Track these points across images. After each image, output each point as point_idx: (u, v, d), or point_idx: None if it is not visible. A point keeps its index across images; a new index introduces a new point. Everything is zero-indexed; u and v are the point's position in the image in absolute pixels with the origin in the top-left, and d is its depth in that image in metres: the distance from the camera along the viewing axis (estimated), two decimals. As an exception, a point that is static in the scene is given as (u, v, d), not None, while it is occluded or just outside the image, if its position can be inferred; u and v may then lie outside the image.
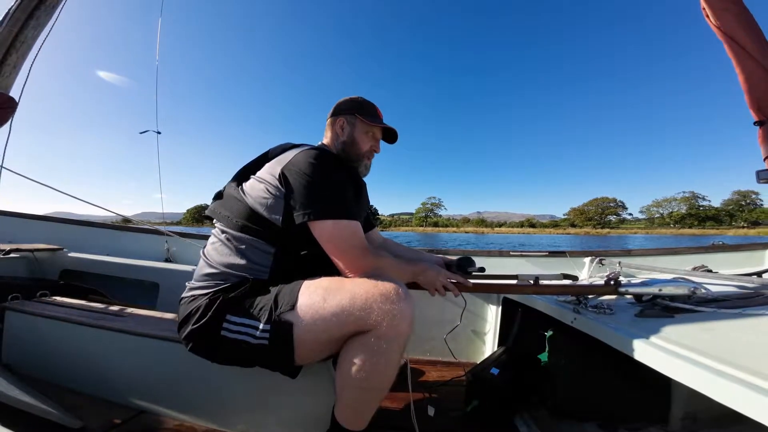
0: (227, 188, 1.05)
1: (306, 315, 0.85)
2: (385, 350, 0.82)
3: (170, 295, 1.97)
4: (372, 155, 1.18)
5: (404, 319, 0.83)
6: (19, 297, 1.46)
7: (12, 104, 1.31)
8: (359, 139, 1.12)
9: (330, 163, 0.98)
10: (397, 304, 0.83)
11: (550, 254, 2.37)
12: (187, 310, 0.94)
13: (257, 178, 0.99)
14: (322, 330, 0.85)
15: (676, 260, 2.42)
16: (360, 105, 1.15)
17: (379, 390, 0.86)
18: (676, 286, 1.00)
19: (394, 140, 1.23)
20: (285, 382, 0.98)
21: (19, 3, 1.26)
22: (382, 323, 0.81)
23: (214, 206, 1.04)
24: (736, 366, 0.61)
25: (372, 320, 0.82)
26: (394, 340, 0.82)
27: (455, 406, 1.31)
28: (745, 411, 0.55)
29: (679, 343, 0.73)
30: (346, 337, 0.86)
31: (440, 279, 1.04)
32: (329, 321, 0.84)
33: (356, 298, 0.83)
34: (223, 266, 0.95)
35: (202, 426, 1.10)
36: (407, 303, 0.84)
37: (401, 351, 0.85)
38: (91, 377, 1.23)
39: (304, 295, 0.87)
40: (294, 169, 0.94)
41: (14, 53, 1.29)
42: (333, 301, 0.84)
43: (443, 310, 1.73)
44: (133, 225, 2.86)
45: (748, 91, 1.16)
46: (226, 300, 0.90)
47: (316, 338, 0.86)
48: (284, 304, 0.87)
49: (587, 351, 1.12)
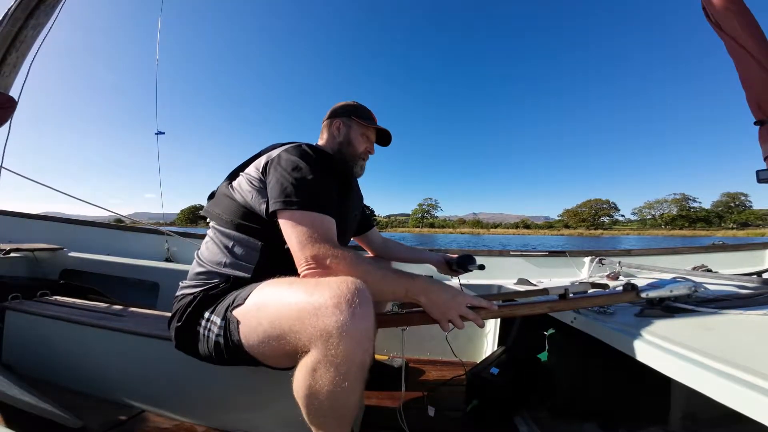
0: (220, 188, 1.07)
1: (244, 322, 0.79)
2: (329, 378, 0.65)
3: (170, 295, 1.96)
4: (367, 156, 1.19)
5: (346, 339, 0.64)
6: (19, 297, 1.46)
7: (11, 104, 1.30)
8: (355, 140, 1.14)
9: (311, 158, 0.96)
10: (332, 320, 0.64)
11: (550, 254, 2.37)
12: (174, 309, 0.96)
13: (245, 175, 1.01)
14: (260, 341, 0.76)
15: (676, 260, 2.42)
16: (355, 108, 1.18)
17: (336, 418, 0.72)
18: (677, 286, 1.00)
19: (388, 143, 1.26)
20: (284, 381, 0.98)
21: (19, 2, 1.26)
22: (316, 344, 0.65)
23: (208, 206, 1.06)
24: (736, 366, 0.61)
25: (305, 341, 0.67)
26: (338, 366, 0.64)
27: (455, 405, 1.31)
28: (745, 411, 0.55)
29: (679, 342, 0.73)
30: (290, 353, 0.72)
31: (459, 306, 0.81)
32: (265, 335, 0.74)
33: (285, 311, 0.70)
34: (211, 264, 0.96)
35: (202, 426, 1.10)
36: (352, 317, 0.64)
37: (354, 375, 0.66)
38: (91, 377, 1.23)
39: (253, 296, 0.81)
40: (275, 161, 0.95)
41: (14, 53, 1.29)
42: (265, 312, 0.75)
43: None
44: (133, 225, 2.86)
45: (748, 91, 1.16)
46: (206, 297, 0.91)
47: (261, 351, 0.78)
48: (238, 299, 0.84)
49: (587, 351, 1.12)
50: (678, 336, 0.78)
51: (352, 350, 0.65)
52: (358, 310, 0.66)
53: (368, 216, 1.43)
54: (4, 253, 1.91)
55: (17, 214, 2.72)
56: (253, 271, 0.94)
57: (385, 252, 1.50)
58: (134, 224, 2.87)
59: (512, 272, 2.17)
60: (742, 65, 1.15)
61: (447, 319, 0.81)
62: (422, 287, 0.82)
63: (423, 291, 0.81)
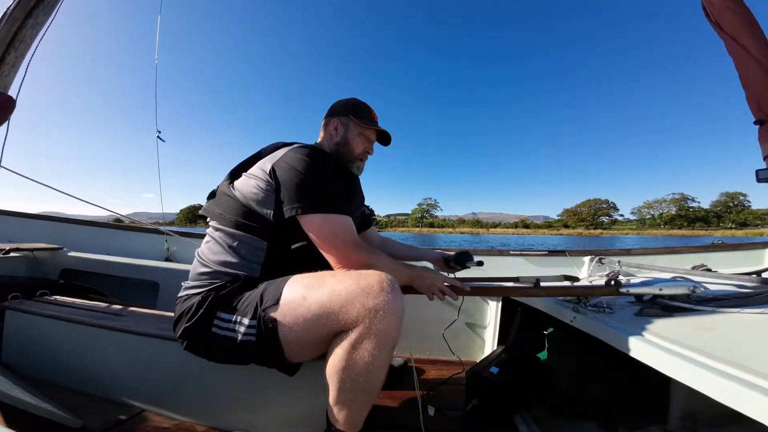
0: (220, 187, 1.06)
1: (287, 314, 0.83)
2: (370, 349, 0.78)
3: (170, 295, 1.97)
4: (365, 157, 1.18)
5: (389, 315, 0.78)
6: (19, 296, 1.46)
7: (10, 103, 1.30)
8: (352, 140, 1.13)
9: (319, 160, 0.98)
10: (380, 299, 0.78)
11: (550, 253, 2.37)
12: (181, 309, 0.95)
13: (248, 175, 1.00)
14: (303, 329, 0.83)
15: (676, 259, 2.42)
16: (354, 107, 1.15)
17: (367, 391, 0.83)
18: (676, 285, 1.00)
19: (388, 142, 1.23)
20: (284, 381, 0.98)
21: (18, 2, 1.25)
22: (364, 321, 0.77)
23: (208, 205, 1.05)
24: (735, 365, 0.61)
25: (353, 318, 0.78)
26: (380, 338, 0.78)
27: (455, 404, 1.31)
28: (744, 410, 0.55)
29: (678, 342, 0.73)
30: (331, 335, 0.83)
31: (437, 283, 1.02)
32: (310, 320, 0.82)
33: (336, 295, 0.80)
34: (216, 264, 0.95)
35: (202, 426, 1.10)
36: (394, 297, 0.79)
37: (389, 349, 0.81)
38: (91, 377, 1.23)
39: (287, 292, 0.86)
40: (284, 164, 0.95)
41: (12, 52, 1.29)
42: (313, 299, 0.82)
43: (441, 308, 1.73)
44: (133, 225, 2.86)
45: (748, 91, 1.16)
46: (217, 297, 0.91)
47: (299, 338, 0.84)
48: (269, 299, 0.86)
49: (587, 350, 1.12)
50: (677, 335, 0.78)
51: (393, 324, 0.79)
52: (396, 293, 0.81)
53: (367, 215, 1.43)
54: (4, 252, 1.91)
55: (17, 214, 2.72)
56: (261, 271, 0.95)
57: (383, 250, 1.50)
58: (134, 224, 2.87)
59: (512, 271, 2.18)
60: (742, 65, 1.15)
61: (431, 292, 1.02)
62: (417, 273, 1.04)
63: (417, 276, 1.03)
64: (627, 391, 1.13)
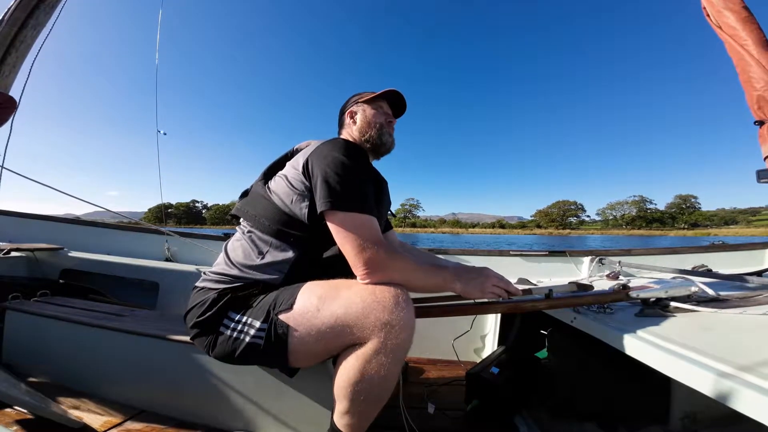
0: (254, 187, 1.05)
1: (300, 323, 0.83)
2: (383, 363, 0.78)
3: (170, 295, 1.97)
4: (391, 127, 1.17)
5: (404, 330, 0.78)
6: (19, 296, 1.46)
7: (12, 104, 1.30)
8: (372, 117, 1.12)
9: (356, 155, 0.96)
10: (396, 314, 0.78)
11: (550, 254, 2.37)
12: (195, 300, 0.94)
13: (282, 175, 1.00)
14: (315, 340, 0.83)
15: (676, 259, 2.42)
16: (358, 93, 1.18)
17: (376, 402, 0.84)
18: (676, 286, 1.00)
19: (403, 110, 1.21)
20: (285, 382, 0.98)
21: (19, 2, 1.25)
22: (379, 335, 0.77)
23: (241, 204, 1.04)
24: (736, 366, 0.61)
25: (368, 332, 0.78)
26: (393, 352, 0.78)
27: (455, 405, 1.31)
28: (744, 410, 0.55)
29: (678, 342, 0.73)
30: (343, 347, 0.83)
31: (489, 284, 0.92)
32: (323, 332, 0.81)
33: (352, 308, 0.79)
34: (241, 266, 0.94)
35: (202, 426, 1.10)
36: (408, 312, 0.79)
37: (401, 363, 0.81)
38: (91, 377, 1.23)
39: (300, 300, 0.85)
40: (318, 158, 0.93)
41: (14, 53, 1.29)
42: (327, 311, 0.81)
43: None
44: (133, 225, 2.86)
45: (748, 91, 1.16)
46: (232, 298, 0.91)
47: (309, 348, 0.84)
48: (282, 305, 0.86)
49: (587, 350, 1.12)
50: (678, 335, 0.78)
51: (407, 339, 0.79)
52: (410, 307, 0.81)
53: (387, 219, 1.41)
54: (4, 253, 1.91)
55: (17, 213, 2.72)
56: (283, 279, 0.94)
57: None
58: (135, 224, 2.87)
59: (512, 272, 2.17)
60: (741, 65, 1.15)
61: (486, 296, 0.92)
62: (456, 275, 0.92)
63: (457, 278, 0.91)
64: (627, 392, 1.13)
